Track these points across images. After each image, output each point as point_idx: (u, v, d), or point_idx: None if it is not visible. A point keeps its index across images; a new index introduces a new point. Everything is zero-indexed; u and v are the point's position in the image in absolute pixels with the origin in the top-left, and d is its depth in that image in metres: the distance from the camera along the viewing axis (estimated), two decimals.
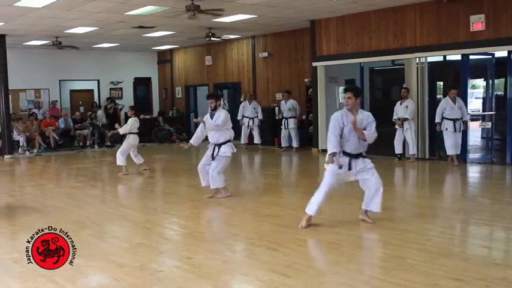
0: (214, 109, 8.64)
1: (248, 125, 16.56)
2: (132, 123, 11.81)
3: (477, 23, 11.45)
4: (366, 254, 5.73)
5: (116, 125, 13.15)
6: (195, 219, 7.94)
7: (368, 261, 5.42)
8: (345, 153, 6.55)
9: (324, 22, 14.62)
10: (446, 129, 11.81)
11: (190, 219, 7.86)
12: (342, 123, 6.48)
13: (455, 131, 11.74)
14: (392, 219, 7.18)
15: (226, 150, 8.60)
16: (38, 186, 10.95)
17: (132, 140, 11.79)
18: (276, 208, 7.98)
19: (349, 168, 6.57)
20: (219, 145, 8.56)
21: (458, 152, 11.89)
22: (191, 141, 9.02)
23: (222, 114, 8.56)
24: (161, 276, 5.08)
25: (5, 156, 15.97)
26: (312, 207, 6.61)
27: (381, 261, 5.28)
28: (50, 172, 13.97)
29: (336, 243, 6.04)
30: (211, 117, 8.61)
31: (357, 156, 6.62)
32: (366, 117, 6.66)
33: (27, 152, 16.94)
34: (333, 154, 6.41)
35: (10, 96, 17.03)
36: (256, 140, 16.61)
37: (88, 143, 18.29)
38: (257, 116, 16.43)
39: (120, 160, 11.71)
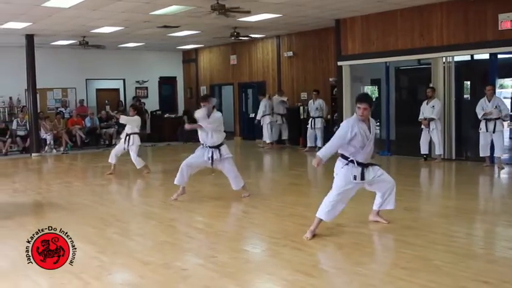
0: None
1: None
2: (138, 121, 11.82)
3: (506, 22, 11.27)
4: (391, 255, 5.68)
5: (116, 113, 13.35)
6: (219, 218, 7.96)
7: (393, 261, 5.38)
8: (358, 163, 6.23)
9: (349, 21, 14.54)
10: (481, 129, 11.57)
11: (214, 218, 7.88)
12: (353, 133, 6.10)
13: (487, 131, 11.46)
14: (418, 219, 7.12)
15: (227, 151, 8.59)
16: (64, 184, 11.08)
17: (137, 140, 11.75)
18: (300, 208, 7.96)
19: (362, 178, 6.27)
20: (217, 147, 8.46)
21: (499, 155, 11.53)
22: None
23: (217, 115, 8.50)
24: (186, 275, 5.10)
25: (32, 154, 16.21)
26: (323, 212, 6.32)
27: (406, 262, 5.23)
28: (76, 170, 14.13)
29: (360, 244, 6.00)
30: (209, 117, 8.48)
31: (368, 165, 6.34)
32: (374, 125, 6.39)
33: (54, 150, 17.19)
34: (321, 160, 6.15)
35: (38, 95, 17.28)
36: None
37: (114, 142, 18.45)
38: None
39: (139, 163, 11.75)
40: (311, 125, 15.53)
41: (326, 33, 16.14)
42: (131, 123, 11.70)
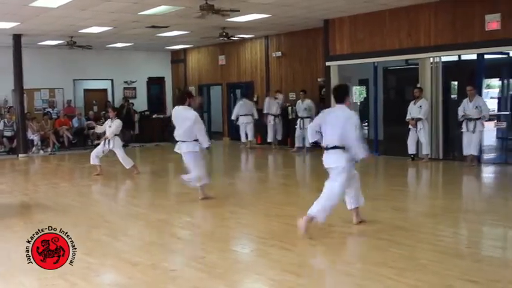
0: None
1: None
2: (118, 125, 11.68)
3: (492, 22, 11.35)
4: (379, 254, 5.70)
5: (93, 124, 13.35)
6: (207, 219, 7.96)
7: (380, 261, 5.40)
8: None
9: (338, 21, 14.57)
10: (462, 129, 11.72)
11: (202, 219, 7.88)
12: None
13: (467, 130, 11.61)
14: (405, 219, 7.16)
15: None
16: (51, 184, 11.02)
17: (118, 141, 11.70)
18: (288, 208, 7.97)
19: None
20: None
21: (474, 153, 11.66)
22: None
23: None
24: (174, 275, 5.10)
25: (19, 155, 16.10)
26: (322, 214, 6.19)
27: (394, 262, 5.25)
28: (63, 171, 14.07)
29: (348, 244, 6.03)
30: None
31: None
32: None
33: (42, 151, 17.09)
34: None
35: (25, 96, 17.17)
36: (250, 136, 17.17)
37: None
38: (252, 114, 16.91)
39: (127, 163, 11.69)
40: (299, 126, 15.53)
41: (314, 33, 16.16)
42: (116, 129, 11.63)
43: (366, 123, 18.35)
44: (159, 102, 22.70)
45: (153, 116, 21.31)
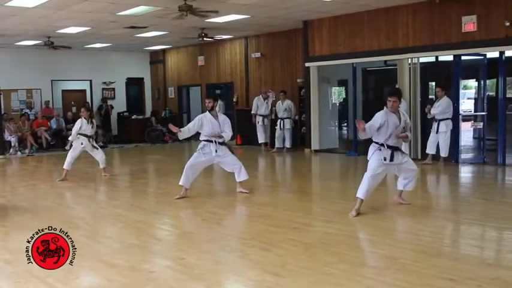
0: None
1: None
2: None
3: (469, 24, 11.49)
4: (358, 254, 5.74)
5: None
6: (187, 220, 7.93)
7: (360, 261, 5.43)
8: (388, 147, 7.26)
9: (317, 22, 14.64)
10: (432, 129, 12.14)
11: (182, 220, 7.85)
12: (383, 122, 7.18)
13: (432, 130, 11.99)
14: (384, 218, 7.20)
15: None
16: (29, 186, 10.90)
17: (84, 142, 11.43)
18: (268, 208, 7.98)
19: (391, 160, 7.28)
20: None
21: (442, 154, 11.93)
22: None
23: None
24: (153, 277, 5.07)
25: None
26: (361, 191, 7.18)
27: (373, 261, 5.29)
28: (41, 172, 13.92)
29: (328, 244, 6.05)
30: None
31: (397, 149, 7.36)
32: (405, 119, 7.43)
33: (19, 153, 16.88)
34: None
35: (2, 96, 16.96)
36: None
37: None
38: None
39: (104, 162, 11.58)
40: (280, 126, 15.55)
41: (294, 34, 16.20)
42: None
43: (345, 124, 18.50)
44: (138, 103, 22.59)
45: (132, 117, 21.21)
